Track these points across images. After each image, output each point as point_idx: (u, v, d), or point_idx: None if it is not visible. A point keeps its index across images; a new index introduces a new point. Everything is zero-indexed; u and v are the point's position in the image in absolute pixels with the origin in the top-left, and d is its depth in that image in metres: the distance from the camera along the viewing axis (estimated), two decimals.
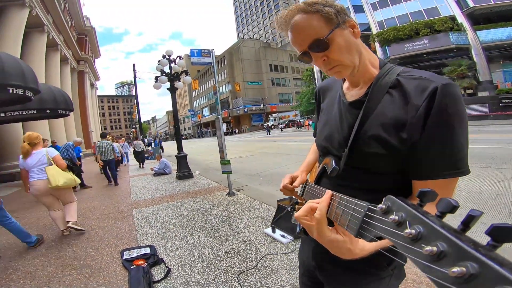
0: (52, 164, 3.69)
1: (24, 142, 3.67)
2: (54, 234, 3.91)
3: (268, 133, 31.04)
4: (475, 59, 22.12)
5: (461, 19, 22.60)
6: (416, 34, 24.17)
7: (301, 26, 0.71)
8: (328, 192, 0.60)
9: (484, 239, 0.27)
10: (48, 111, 7.47)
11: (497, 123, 15.03)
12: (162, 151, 19.70)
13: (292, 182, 0.98)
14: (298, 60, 0.89)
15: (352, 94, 0.82)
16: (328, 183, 0.85)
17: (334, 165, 0.79)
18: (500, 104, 19.54)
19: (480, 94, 21.77)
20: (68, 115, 8.80)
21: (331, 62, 0.73)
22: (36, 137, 3.73)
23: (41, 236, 3.68)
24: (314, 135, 1.05)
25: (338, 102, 0.86)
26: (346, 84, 0.86)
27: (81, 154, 7.91)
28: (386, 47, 25.60)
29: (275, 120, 44.17)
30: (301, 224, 0.88)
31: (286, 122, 42.49)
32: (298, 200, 1.04)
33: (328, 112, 0.90)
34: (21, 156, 3.67)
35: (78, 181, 4.16)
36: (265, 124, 38.35)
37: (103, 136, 8.66)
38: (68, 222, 3.73)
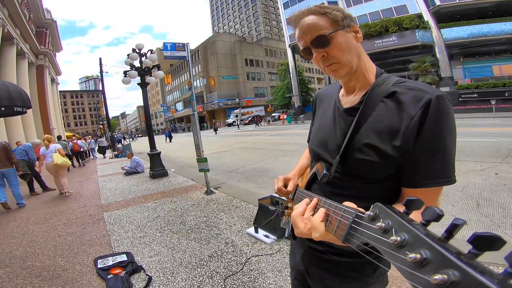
0: (57, 153, 6.21)
1: (44, 140, 6.38)
2: (16, 242, 3.55)
3: (215, 132, 30.00)
4: (438, 56, 23.53)
5: (427, 17, 23.83)
6: (386, 31, 25.20)
7: (308, 23, 0.76)
8: (315, 200, 0.63)
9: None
10: (2, 108, 6.79)
11: (456, 117, 16.11)
12: (170, 141, 25.30)
13: (285, 185, 0.99)
14: (301, 55, 0.89)
15: (347, 101, 0.83)
16: (319, 189, 0.85)
17: (324, 171, 0.79)
18: (460, 99, 21.07)
19: (441, 89, 23.19)
20: (25, 112, 8.05)
21: (330, 59, 0.75)
22: (51, 138, 6.52)
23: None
24: (308, 140, 1.05)
25: (333, 109, 0.87)
26: (342, 91, 0.88)
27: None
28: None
29: (237, 116, 42.93)
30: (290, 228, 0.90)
31: (249, 118, 41.79)
32: (288, 205, 1.07)
33: (323, 118, 0.92)
34: (43, 148, 6.33)
35: (70, 163, 6.78)
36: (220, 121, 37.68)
37: (58, 138, 11.01)
38: (65, 191, 6.29)
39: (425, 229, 0.33)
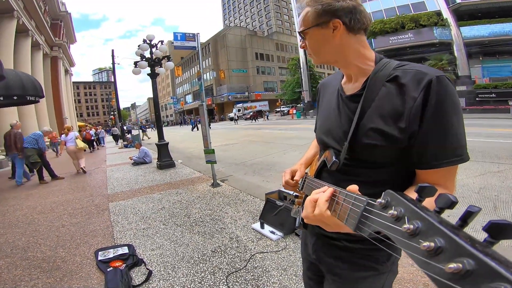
0: (77, 139, 7.85)
1: (65, 128, 8.05)
2: (20, 232, 3.53)
3: (196, 129, 26.28)
4: (456, 54, 22.66)
5: (446, 14, 22.90)
6: (402, 27, 24.41)
7: (301, 14, 0.81)
8: (329, 188, 0.61)
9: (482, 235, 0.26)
10: (15, 97, 6.87)
11: (473, 117, 15.55)
12: (197, 129, 25.13)
13: (292, 177, 1.00)
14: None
15: (349, 88, 0.84)
16: (328, 177, 0.86)
17: (334, 159, 0.79)
18: (477, 99, 20.32)
19: (458, 88, 22.40)
20: (38, 101, 8.17)
21: (308, 49, 0.84)
22: (70, 127, 8.26)
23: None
24: (315, 130, 1.06)
25: (336, 97, 0.88)
26: (344, 79, 0.88)
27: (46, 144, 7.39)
28: (372, 39, 25.74)
29: (239, 110, 42.55)
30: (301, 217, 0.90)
31: (250, 113, 40.31)
32: (298, 194, 1.06)
33: (328, 107, 0.92)
34: (63, 135, 7.92)
35: (87, 146, 9.34)
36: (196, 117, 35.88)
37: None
38: (81, 167, 7.80)
39: (439, 216, 0.32)
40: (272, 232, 2.87)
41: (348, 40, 0.77)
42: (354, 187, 0.54)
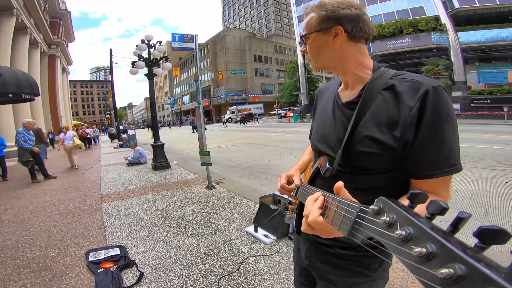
0: (75, 137, 8.60)
1: (64, 128, 9.04)
2: (10, 231, 3.48)
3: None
4: (452, 59, 22.85)
5: (444, 19, 23.09)
6: (400, 32, 24.59)
7: (306, 19, 0.83)
8: (322, 196, 0.62)
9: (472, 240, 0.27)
10: (10, 95, 6.81)
11: (467, 123, 15.70)
12: (201, 129, 25.12)
13: (288, 182, 0.99)
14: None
15: (346, 95, 0.85)
16: (322, 183, 0.85)
17: (328, 166, 0.79)
18: (472, 104, 20.54)
19: (453, 94, 22.59)
20: (34, 99, 8.10)
21: (308, 54, 0.85)
22: (68, 126, 9.33)
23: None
24: (310, 137, 1.06)
25: (333, 103, 0.88)
26: (341, 86, 0.89)
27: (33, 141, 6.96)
28: (370, 43, 25.95)
29: (233, 112, 42.34)
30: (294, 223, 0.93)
31: (239, 116, 39.33)
32: (292, 200, 1.05)
33: (323, 113, 0.93)
34: (62, 133, 8.62)
35: (82, 144, 12.46)
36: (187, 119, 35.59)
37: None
38: (75, 164, 8.54)
39: (430, 222, 0.32)
40: (266, 236, 2.86)
41: (348, 47, 0.78)
42: (339, 184, 0.56)
